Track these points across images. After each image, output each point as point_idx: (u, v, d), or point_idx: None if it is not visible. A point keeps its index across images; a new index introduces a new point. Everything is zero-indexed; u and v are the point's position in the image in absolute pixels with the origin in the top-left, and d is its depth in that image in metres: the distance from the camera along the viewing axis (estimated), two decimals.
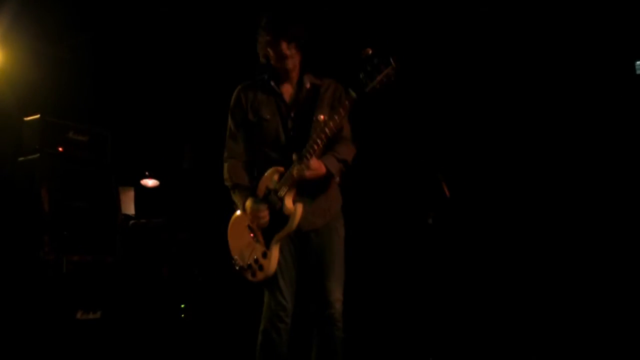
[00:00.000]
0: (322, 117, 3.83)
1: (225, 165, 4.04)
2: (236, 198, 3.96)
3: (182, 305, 6.60)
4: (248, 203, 3.85)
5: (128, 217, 6.97)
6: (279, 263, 3.83)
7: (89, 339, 5.83)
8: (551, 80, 5.54)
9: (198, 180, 7.59)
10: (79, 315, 5.84)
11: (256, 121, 3.92)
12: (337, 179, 3.94)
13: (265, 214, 3.80)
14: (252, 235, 3.87)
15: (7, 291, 5.64)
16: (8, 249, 5.79)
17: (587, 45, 5.40)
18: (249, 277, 3.87)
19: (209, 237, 6.62)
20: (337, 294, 3.84)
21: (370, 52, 3.65)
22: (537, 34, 5.56)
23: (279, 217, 3.78)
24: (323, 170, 3.77)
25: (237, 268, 3.90)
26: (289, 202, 3.76)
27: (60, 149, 6.20)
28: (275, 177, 3.82)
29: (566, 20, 5.46)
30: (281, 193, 3.78)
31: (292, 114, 3.89)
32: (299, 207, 3.77)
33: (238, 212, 3.97)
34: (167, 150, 8.04)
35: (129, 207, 7.14)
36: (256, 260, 3.82)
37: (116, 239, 6.35)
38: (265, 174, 3.86)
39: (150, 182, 8.03)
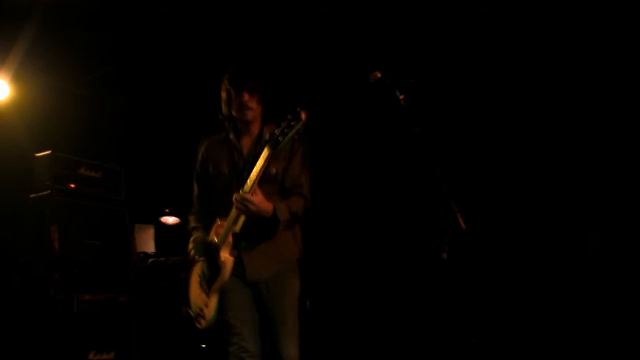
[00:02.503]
0: (274, 169, 4.06)
1: (190, 215, 4.37)
2: (191, 252, 4.24)
3: (203, 346, 6.69)
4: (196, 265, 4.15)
5: (147, 255, 7.18)
6: (234, 307, 4.04)
7: None
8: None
9: None
10: (91, 356, 6.01)
11: (215, 175, 4.19)
12: (281, 227, 4.06)
13: (206, 270, 4.09)
14: (200, 287, 4.15)
15: (18, 330, 5.85)
16: (18, 287, 6.02)
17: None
18: (197, 325, 4.12)
19: None
20: (288, 350, 3.99)
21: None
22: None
23: (213, 268, 4.03)
24: (270, 209, 3.94)
25: (191, 317, 4.16)
26: (223, 253, 3.98)
27: (72, 185, 6.40)
28: (219, 229, 4.06)
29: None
30: (218, 243, 3.99)
31: (248, 166, 4.03)
32: (229, 260, 3.95)
33: (194, 266, 4.24)
34: (187, 187, 8.24)
35: (148, 244, 7.36)
36: (201, 310, 4.08)
37: (130, 277, 6.53)
38: (213, 226, 4.10)
39: (170, 220, 8.23)
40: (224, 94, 4.18)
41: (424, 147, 4.39)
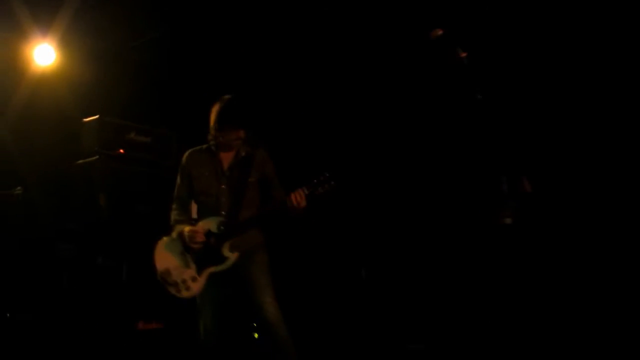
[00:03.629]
0: (252, 179, 4.98)
1: (172, 207, 5.13)
2: (176, 229, 4.98)
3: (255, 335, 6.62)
4: (187, 228, 4.89)
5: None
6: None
7: (150, 352, 6.06)
8: None
9: None
10: (140, 326, 6.09)
11: (198, 176, 5.02)
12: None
13: (200, 239, 4.85)
14: (183, 260, 4.89)
15: (66, 299, 5.96)
16: (66, 255, 6.10)
17: None
18: (172, 291, 4.87)
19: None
20: (265, 297, 4.80)
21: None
22: None
23: (215, 254, 4.86)
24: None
25: (161, 280, 4.88)
26: (230, 249, 4.86)
27: (121, 150, 6.46)
28: (214, 223, 4.90)
29: None
30: (224, 236, 4.86)
31: (227, 174, 4.99)
32: (235, 255, 4.84)
33: (169, 238, 4.99)
34: None
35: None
36: (183, 281, 4.85)
37: None
38: (208, 220, 4.92)
39: None
40: (213, 119, 5.05)
41: (486, 112, 4.35)
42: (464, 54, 4.18)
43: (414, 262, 6.62)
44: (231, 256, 4.86)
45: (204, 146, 5.15)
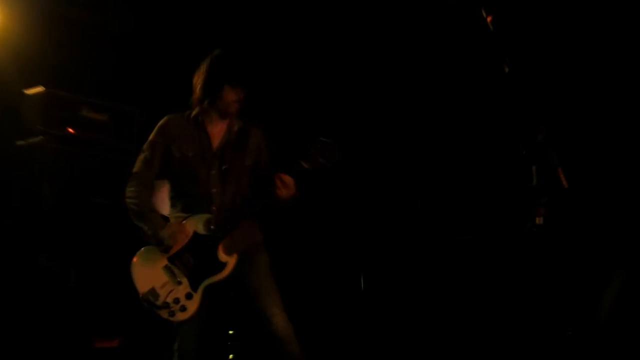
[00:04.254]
0: (246, 162, 4.57)
1: (134, 188, 4.50)
2: (149, 224, 4.41)
3: (231, 332, 6.30)
4: (171, 231, 4.36)
5: (162, 217, 6.58)
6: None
7: None
8: None
9: None
10: (91, 343, 5.65)
11: (179, 157, 4.52)
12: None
13: (191, 260, 4.32)
14: (170, 275, 4.36)
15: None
16: (3, 254, 5.65)
17: None
18: (165, 315, 4.33)
19: None
20: (272, 308, 4.40)
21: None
22: None
23: (210, 262, 4.37)
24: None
25: (146, 304, 4.33)
26: (226, 251, 4.38)
27: (71, 130, 6.02)
28: (202, 222, 4.39)
29: None
30: (217, 238, 4.40)
31: (217, 155, 4.53)
32: (232, 260, 4.39)
33: (146, 252, 4.43)
34: None
35: (164, 205, 6.73)
36: (176, 300, 4.32)
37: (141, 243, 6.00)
38: (194, 217, 4.42)
39: None
40: (203, 78, 4.51)
41: (515, 85, 3.90)
42: (490, 18, 3.80)
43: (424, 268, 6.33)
44: (230, 260, 4.42)
45: (187, 113, 4.67)
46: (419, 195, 6.48)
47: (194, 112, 4.57)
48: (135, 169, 4.56)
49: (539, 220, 4.30)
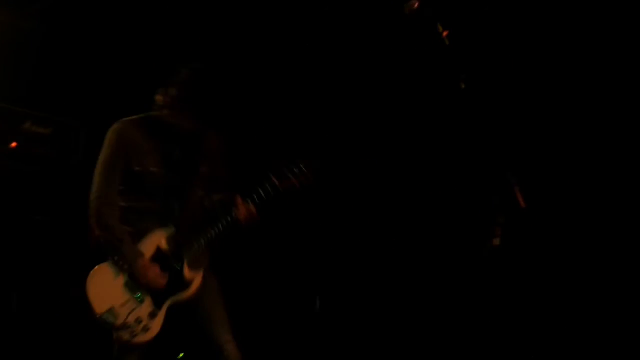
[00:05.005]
0: (204, 169, 4.47)
1: (101, 208, 4.29)
2: (127, 250, 4.22)
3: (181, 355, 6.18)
4: (149, 266, 4.22)
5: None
6: None
7: None
8: None
9: None
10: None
11: (140, 171, 4.32)
12: None
13: (164, 280, 4.24)
14: (132, 293, 4.20)
15: None
16: None
17: None
18: (126, 337, 4.14)
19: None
20: (224, 334, 4.35)
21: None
22: None
23: (175, 279, 4.28)
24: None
25: (104, 324, 4.13)
26: (191, 268, 4.33)
27: (13, 144, 5.93)
28: (164, 239, 4.29)
29: None
30: (184, 256, 4.31)
31: (176, 165, 4.39)
32: (198, 277, 4.34)
33: (105, 267, 4.25)
34: None
35: None
36: (138, 320, 4.16)
37: (90, 267, 5.86)
38: (156, 233, 4.30)
39: None
40: (183, 85, 4.34)
41: (472, 101, 3.86)
42: (445, 32, 3.75)
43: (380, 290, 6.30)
44: (195, 278, 4.36)
45: (142, 116, 4.49)
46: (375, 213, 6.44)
47: (156, 117, 4.39)
48: (96, 189, 4.33)
49: (496, 242, 4.32)
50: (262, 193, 4.32)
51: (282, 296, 6.64)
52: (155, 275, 4.21)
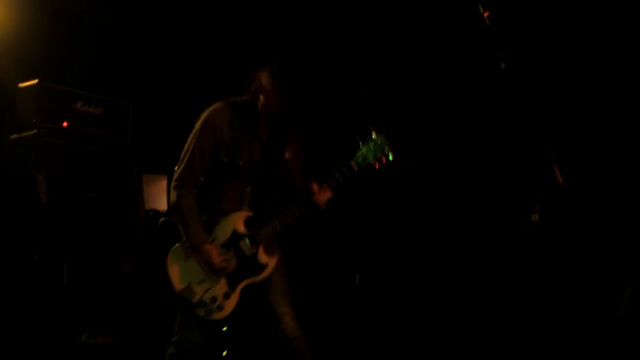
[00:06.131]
0: (288, 154, 4.57)
1: (180, 193, 4.39)
2: (193, 234, 4.34)
3: (224, 329, 6.24)
4: (213, 250, 4.32)
5: (157, 213, 6.75)
6: None
7: None
8: None
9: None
10: (84, 338, 5.70)
11: (228, 162, 4.42)
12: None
13: (233, 262, 4.37)
14: (208, 272, 4.36)
15: None
16: None
17: None
18: (201, 313, 4.34)
19: None
20: (283, 307, 4.43)
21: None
22: None
23: (248, 262, 4.40)
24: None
25: (182, 300, 4.35)
26: (266, 251, 4.43)
27: (65, 123, 6.04)
28: (242, 221, 4.40)
29: None
30: (259, 239, 4.41)
31: (262, 153, 4.49)
32: (273, 260, 4.44)
33: (184, 244, 4.39)
34: None
35: (159, 200, 6.93)
36: (214, 299, 4.34)
37: (136, 240, 6.22)
38: (233, 216, 4.41)
39: None
40: (266, 82, 4.40)
41: (512, 78, 4.04)
42: (487, 13, 3.97)
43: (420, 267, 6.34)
44: (270, 262, 4.46)
45: (236, 101, 4.56)
46: (411, 192, 6.48)
47: (250, 104, 4.45)
48: (180, 172, 4.43)
49: (534, 218, 4.43)
50: (339, 176, 4.39)
51: (323, 272, 6.72)
52: (222, 260, 4.31)
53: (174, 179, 4.42)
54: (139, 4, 7.07)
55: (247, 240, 4.37)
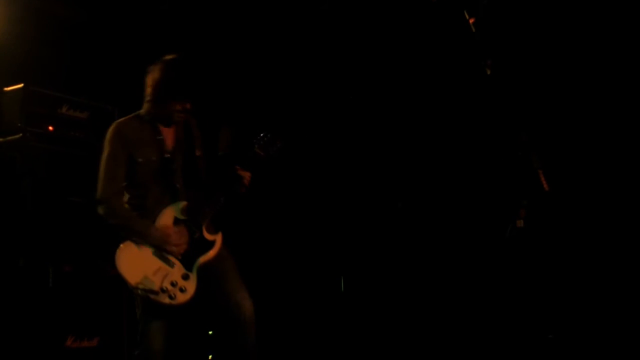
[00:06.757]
0: (198, 152, 4.84)
1: (109, 199, 4.62)
2: (137, 225, 4.58)
3: (210, 333, 6.45)
4: (165, 228, 4.57)
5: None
6: None
7: None
8: None
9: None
10: (69, 343, 5.68)
11: (142, 162, 4.66)
12: None
13: (186, 239, 4.59)
14: (162, 259, 4.53)
15: None
16: None
17: None
18: (166, 300, 4.43)
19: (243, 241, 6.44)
20: (242, 292, 4.64)
21: None
22: None
23: (197, 242, 4.63)
24: None
25: (142, 292, 4.42)
26: (209, 231, 4.69)
27: (51, 128, 6.05)
28: (179, 210, 4.65)
29: None
30: (200, 221, 4.67)
31: (174, 151, 4.75)
32: (220, 235, 4.72)
33: (131, 242, 4.56)
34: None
35: None
36: (173, 283, 4.47)
37: (120, 244, 5.91)
38: (169, 208, 4.65)
39: None
40: (158, 77, 4.69)
41: (497, 84, 4.07)
42: (472, 20, 3.99)
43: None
44: (216, 237, 4.72)
45: (136, 115, 4.85)
46: (399, 196, 6.52)
47: (145, 112, 4.73)
48: (100, 187, 4.62)
49: (519, 223, 4.48)
50: (251, 158, 4.71)
51: (307, 277, 6.84)
52: (174, 233, 4.53)
53: (97, 198, 4.62)
54: (125, 9, 7.08)
55: (189, 224, 4.59)
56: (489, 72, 4.09)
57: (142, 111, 4.76)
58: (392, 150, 6.55)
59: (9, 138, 5.84)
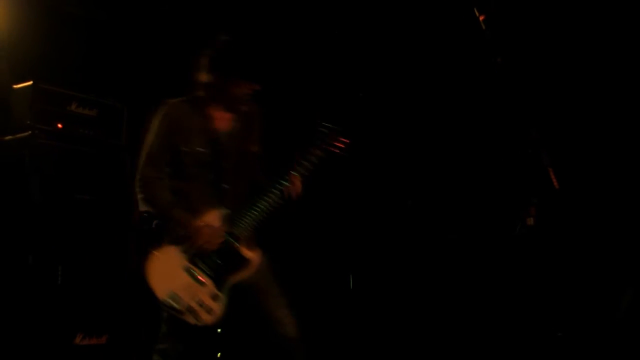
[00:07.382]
0: (253, 148, 4.51)
1: (148, 182, 4.32)
2: (180, 215, 4.23)
3: (219, 330, 6.28)
4: (198, 224, 4.20)
5: (152, 215, 6.65)
6: None
7: None
8: None
9: None
10: (78, 340, 5.72)
11: (187, 151, 4.32)
12: None
13: (221, 239, 4.25)
14: (192, 276, 4.23)
15: None
16: None
17: None
18: (191, 320, 4.19)
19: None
20: (282, 308, 4.35)
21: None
22: None
23: (231, 259, 4.30)
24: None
25: (169, 310, 4.19)
26: (248, 246, 4.35)
27: (60, 125, 6.06)
28: (219, 219, 4.28)
29: None
30: (238, 234, 4.32)
31: (227, 146, 4.39)
32: (257, 255, 4.36)
33: (161, 253, 4.25)
34: None
35: None
36: (200, 303, 4.20)
37: (129, 242, 6.22)
38: (208, 214, 4.27)
39: None
40: (223, 53, 4.31)
41: (507, 81, 4.09)
42: (482, 17, 4.03)
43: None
44: (253, 257, 4.36)
45: (188, 97, 4.47)
46: (409, 194, 6.56)
47: (200, 95, 4.38)
48: (141, 168, 4.34)
49: (529, 221, 4.49)
50: (306, 165, 4.30)
51: (316, 275, 6.83)
52: (212, 232, 4.20)
53: (137, 178, 4.34)
54: (133, 6, 7.11)
55: (227, 237, 4.27)
56: (498, 70, 4.11)
57: (197, 94, 4.40)
58: (401, 147, 6.54)
59: (18, 135, 5.85)
